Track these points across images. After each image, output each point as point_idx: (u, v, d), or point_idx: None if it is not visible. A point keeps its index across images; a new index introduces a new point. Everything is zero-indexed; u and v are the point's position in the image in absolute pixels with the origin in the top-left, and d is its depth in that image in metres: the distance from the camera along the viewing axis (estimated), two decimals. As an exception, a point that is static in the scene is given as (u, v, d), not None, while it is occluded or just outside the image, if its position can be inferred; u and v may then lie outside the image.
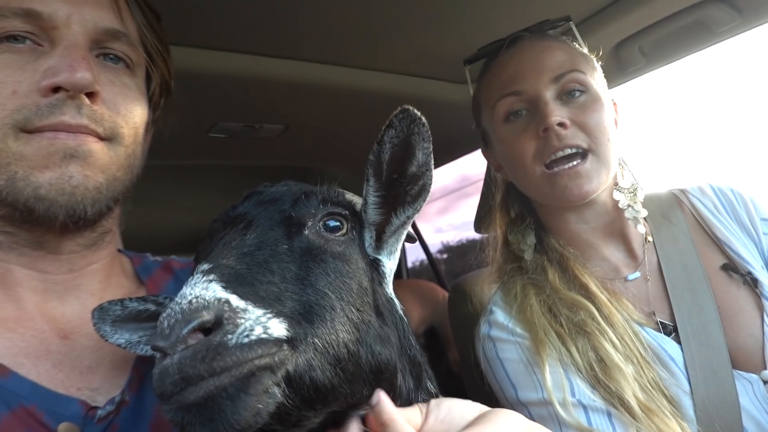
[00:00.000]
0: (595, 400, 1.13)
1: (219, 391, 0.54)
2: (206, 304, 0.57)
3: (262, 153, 2.53)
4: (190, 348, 0.54)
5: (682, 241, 1.33)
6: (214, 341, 0.55)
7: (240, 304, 0.59)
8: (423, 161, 0.81)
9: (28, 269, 0.91)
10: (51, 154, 0.83)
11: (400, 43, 1.78)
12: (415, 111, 0.78)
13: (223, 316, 0.56)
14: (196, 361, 0.54)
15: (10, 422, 0.79)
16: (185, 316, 0.55)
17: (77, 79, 0.83)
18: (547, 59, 1.30)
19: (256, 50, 1.74)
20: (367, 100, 2.03)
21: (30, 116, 0.83)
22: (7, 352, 0.85)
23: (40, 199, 0.83)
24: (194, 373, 0.53)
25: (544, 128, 1.24)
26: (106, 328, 0.87)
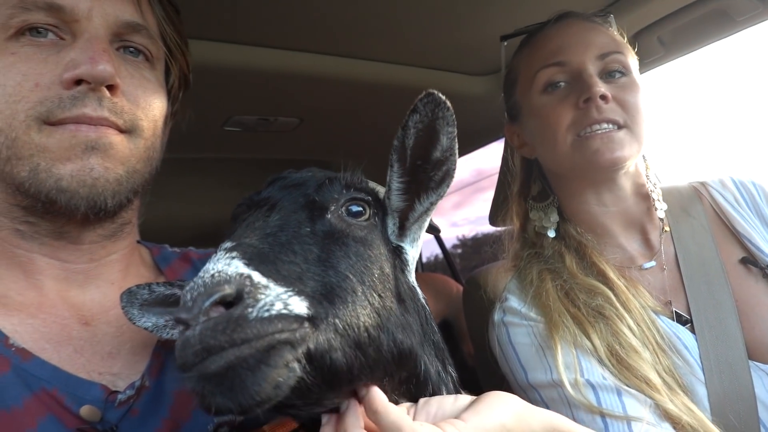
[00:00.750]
0: (605, 379, 1.12)
1: (239, 361, 0.54)
2: (228, 279, 0.57)
3: (276, 146, 2.54)
4: (211, 320, 0.55)
5: (700, 235, 1.32)
6: (235, 314, 0.56)
7: (261, 281, 0.59)
8: (447, 146, 0.81)
9: (49, 258, 0.93)
10: (73, 147, 0.85)
11: (415, 36, 1.78)
12: (440, 95, 0.77)
13: (244, 290, 0.57)
14: (217, 332, 0.54)
15: (33, 405, 0.80)
16: (207, 289, 0.56)
17: (98, 72, 0.85)
18: (593, 37, 1.31)
19: (270, 43, 1.74)
20: (382, 92, 2.03)
21: (52, 108, 0.84)
22: (30, 337, 0.87)
23: (62, 190, 0.84)
24: (215, 344, 0.54)
25: (587, 98, 1.24)
26: (134, 311, 0.89)
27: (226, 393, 0.54)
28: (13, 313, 0.89)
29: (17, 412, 0.79)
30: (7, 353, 0.83)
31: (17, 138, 0.84)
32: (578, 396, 1.10)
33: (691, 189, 1.43)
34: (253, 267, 0.60)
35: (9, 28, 0.86)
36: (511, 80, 1.46)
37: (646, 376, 1.11)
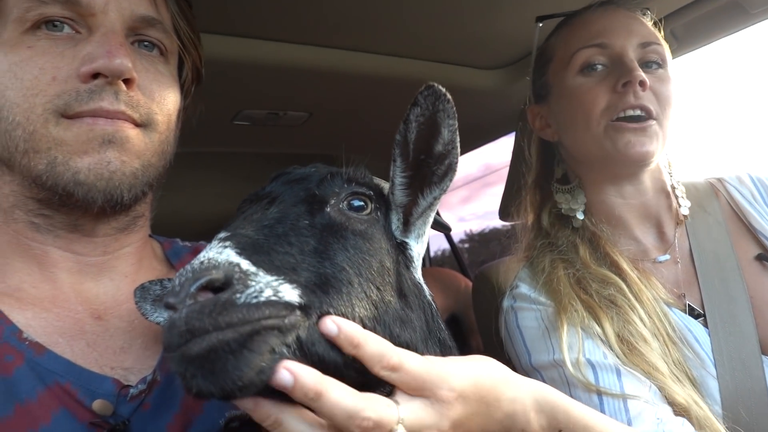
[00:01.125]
0: (606, 358, 1.13)
1: (222, 344, 0.54)
2: (217, 265, 0.58)
3: (286, 140, 2.54)
4: (198, 303, 0.56)
5: (716, 231, 1.32)
6: (222, 298, 0.56)
7: (251, 269, 0.59)
8: (449, 139, 0.80)
9: (63, 251, 0.93)
10: (90, 140, 0.85)
11: (425, 29, 1.77)
12: (440, 87, 0.77)
13: (234, 276, 0.57)
14: (202, 314, 0.55)
15: (47, 398, 0.81)
16: (195, 274, 0.57)
17: (116, 66, 0.85)
18: (637, 26, 1.31)
19: (280, 37, 1.74)
20: (392, 86, 2.02)
21: (70, 102, 0.85)
22: (43, 331, 0.88)
23: (79, 183, 0.85)
24: (200, 326, 0.54)
25: (626, 81, 1.22)
26: (146, 306, 0.90)
27: (207, 376, 0.54)
28: (27, 307, 0.89)
29: (31, 405, 0.80)
30: (21, 347, 0.84)
31: (35, 131, 0.84)
32: (577, 374, 1.11)
33: (708, 185, 1.42)
34: (244, 256, 0.60)
35: (25, 22, 0.86)
36: (544, 60, 1.44)
37: (655, 364, 1.11)
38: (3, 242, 0.93)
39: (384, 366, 0.63)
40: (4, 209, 0.93)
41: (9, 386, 0.80)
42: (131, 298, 0.98)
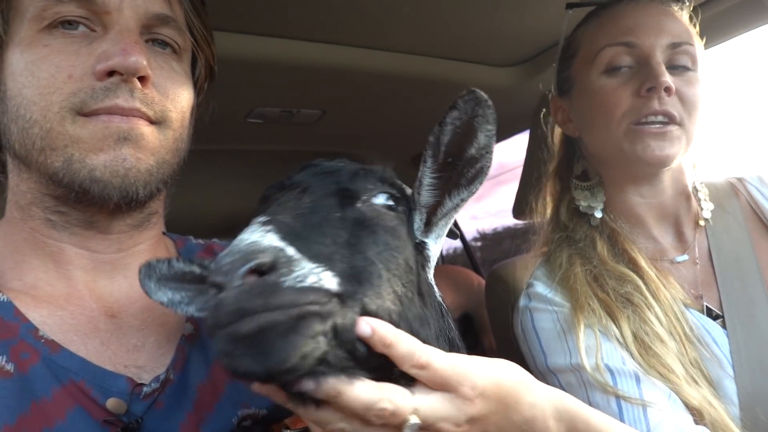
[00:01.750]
0: (624, 365, 1.11)
1: (272, 325, 0.55)
2: (264, 249, 0.58)
3: (299, 138, 2.54)
4: (247, 284, 0.57)
5: (735, 231, 1.29)
6: (269, 280, 0.57)
7: (295, 255, 0.60)
8: (484, 144, 0.81)
9: (79, 248, 0.94)
10: (106, 137, 0.86)
11: (439, 27, 1.75)
12: (481, 93, 0.78)
13: (279, 261, 0.58)
14: (252, 295, 0.56)
15: (62, 396, 0.81)
16: (244, 256, 0.57)
17: (131, 63, 0.85)
18: (669, 23, 1.25)
19: (293, 35, 1.74)
20: (406, 84, 2.02)
21: (86, 99, 0.85)
22: (59, 328, 0.88)
23: (96, 180, 0.85)
24: (250, 307, 0.55)
25: (651, 86, 1.19)
26: (150, 284, 0.88)
27: (255, 356, 0.55)
28: (42, 305, 0.90)
29: (47, 403, 0.80)
30: (37, 345, 0.84)
31: (51, 129, 0.85)
32: (596, 375, 1.09)
33: (728, 184, 1.39)
34: (287, 242, 0.61)
35: (42, 20, 0.87)
36: (570, 53, 1.40)
37: (670, 365, 1.09)
38: (20, 239, 0.94)
39: (413, 364, 0.65)
40: (21, 206, 0.94)
41: (25, 384, 0.81)
42: (144, 296, 0.98)
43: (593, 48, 1.30)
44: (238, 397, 0.92)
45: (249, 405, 0.92)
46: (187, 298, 0.89)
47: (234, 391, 0.93)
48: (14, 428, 0.77)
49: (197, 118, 1.12)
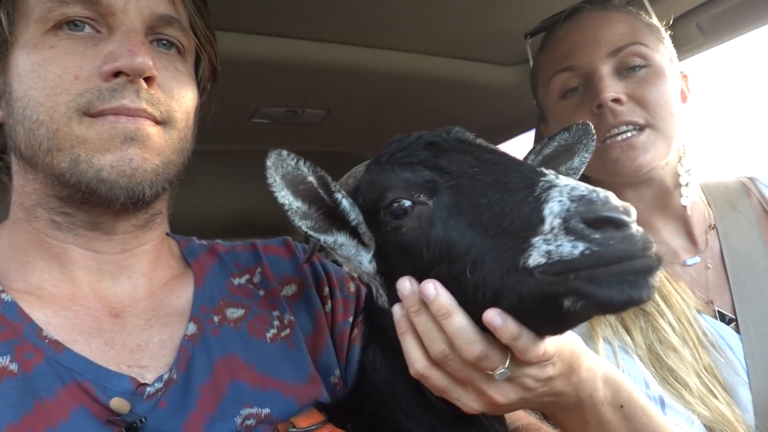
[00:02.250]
0: (648, 389, 1.09)
1: (658, 266, 0.63)
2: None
3: (304, 138, 2.54)
4: (636, 229, 0.64)
5: (747, 230, 1.28)
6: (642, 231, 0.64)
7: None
8: (576, 167, 0.93)
9: (83, 249, 0.94)
10: (112, 138, 0.87)
11: (444, 26, 1.75)
12: (591, 126, 0.91)
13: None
14: (647, 238, 0.63)
15: (65, 396, 0.82)
16: (626, 209, 0.64)
17: (137, 64, 0.86)
18: (605, 32, 1.24)
19: (298, 35, 1.73)
20: (411, 83, 2.01)
21: (92, 100, 0.86)
22: (63, 328, 0.88)
23: (102, 180, 0.86)
24: (649, 247, 0.63)
25: (598, 104, 1.20)
26: (277, 178, 0.81)
27: (645, 286, 0.62)
28: (46, 305, 0.90)
29: (50, 403, 0.80)
30: (41, 345, 0.84)
31: (58, 129, 0.86)
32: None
33: (739, 184, 1.38)
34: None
35: (48, 22, 0.88)
36: (534, 84, 1.44)
37: (684, 380, 1.08)
38: (24, 240, 0.94)
39: (509, 337, 0.70)
40: (26, 207, 0.94)
41: (29, 383, 0.81)
42: (148, 296, 0.99)
43: (546, 77, 1.33)
44: (240, 397, 0.92)
45: (251, 404, 0.92)
46: (302, 210, 0.83)
47: (236, 391, 0.93)
48: (18, 427, 0.77)
49: (202, 119, 1.13)
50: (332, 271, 1.20)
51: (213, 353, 0.95)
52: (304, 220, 0.82)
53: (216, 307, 1.02)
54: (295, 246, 1.23)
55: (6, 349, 0.83)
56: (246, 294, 1.08)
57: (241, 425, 0.90)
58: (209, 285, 1.05)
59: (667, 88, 1.22)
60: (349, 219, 0.84)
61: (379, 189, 0.81)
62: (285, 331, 1.06)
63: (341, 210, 0.83)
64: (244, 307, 1.05)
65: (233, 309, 1.04)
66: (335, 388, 1.07)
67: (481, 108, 2.14)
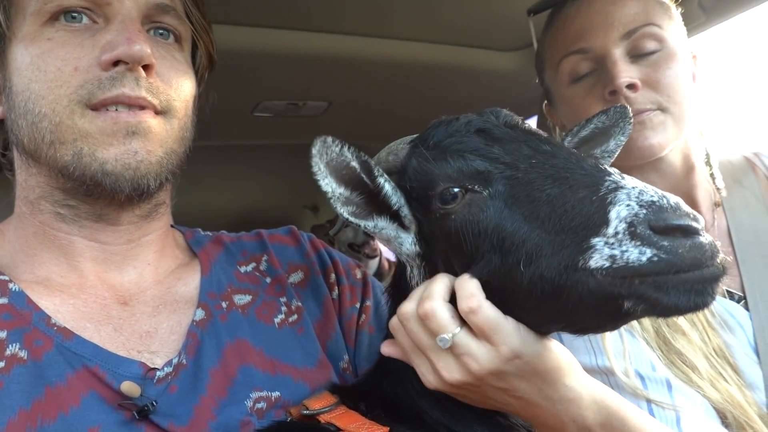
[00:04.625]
0: (655, 370, 1.08)
1: (723, 276, 0.64)
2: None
3: (306, 131, 2.53)
4: (706, 237, 0.64)
5: (754, 206, 1.26)
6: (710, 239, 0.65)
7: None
8: (612, 149, 0.94)
9: (88, 240, 0.95)
10: (115, 132, 0.87)
11: (444, 12, 1.74)
12: (629, 110, 0.93)
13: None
14: (715, 248, 0.64)
15: (76, 381, 0.82)
16: (695, 217, 0.64)
17: (135, 52, 0.86)
18: (617, 12, 1.20)
19: (297, 26, 1.73)
20: (412, 72, 2.00)
21: (93, 90, 0.86)
22: (71, 316, 0.89)
23: (107, 174, 0.87)
24: (717, 255, 0.64)
25: (611, 90, 1.16)
26: (321, 165, 0.80)
27: (712, 296, 0.64)
28: (55, 294, 0.91)
29: (61, 388, 0.81)
30: (50, 332, 0.85)
31: (61, 122, 0.86)
32: (627, 381, 1.06)
33: (744, 160, 1.36)
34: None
35: (44, 14, 0.88)
36: (539, 64, 1.39)
37: (693, 363, 1.06)
38: (30, 234, 0.95)
39: (466, 305, 0.73)
40: (30, 201, 0.94)
41: (39, 370, 0.81)
42: (155, 285, 1.00)
43: (554, 60, 1.29)
44: (250, 381, 0.92)
45: (261, 388, 0.93)
46: (344, 196, 0.83)
47: (246, 375, 0.93)
48: (29, 413, 0.77)
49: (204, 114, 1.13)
50: (338, 259, 1.20)
51: (222, 338, 0.95)
52: (345, 206, 0.82)
53: (224, 293, 1.02)
54: (301, 235, 1.23)
55: (16, 337, 0.83)
56: (253, 281, 1.08)
57: (252, 409, 0.90)
58: (216, 273, 1.05)
59: (679, 69, 1.20)
60: (390, 203, 0.83)
61: (429, 177, 0.79)
62: (293, 316, 1.06)
63: (384, 195, 0.83)
64: (251, 293, 1.05)
65: (241, 295, 1.04)
66: (345, 372, 1.07)
67: (484, 94, 2.13)
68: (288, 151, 2.82)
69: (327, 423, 0.84)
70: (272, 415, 0.92)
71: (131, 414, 0.82)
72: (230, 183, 3.13)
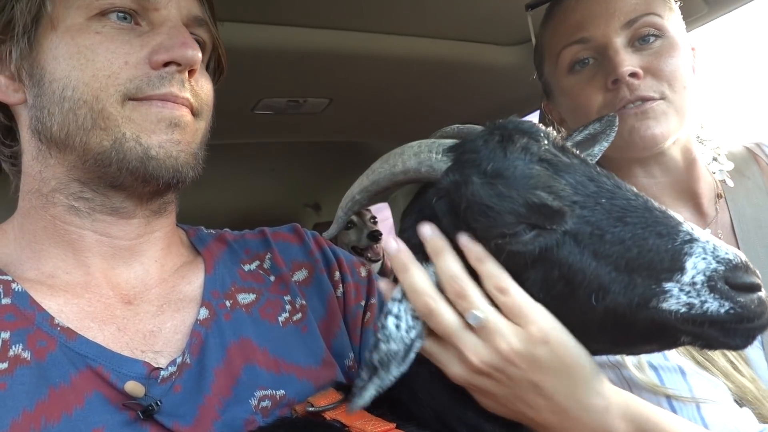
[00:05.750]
0: (666, 359, 1.08)
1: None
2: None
3: (306, 129, 2.54)
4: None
5: (756, 196, 1.26)
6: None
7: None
8: (595, 154, 0.99)
9: (99, 235, 0.95)
10: (159, 121, 0.90)
11: (444, 7, 1.73)
12: (617, 119, 1.00)
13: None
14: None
15: (79, 382, 0.82)
16: (754, 271, 0.71)
17: (191, 56, 0.91)
18: (618, 2, 1.20)
19: (296, 22, 1.72)
20: (413, 67, 1.99)
21: (142, 86, 0.90)
22: (75, 316, 0.89)
23: (151, 158, 0.89)
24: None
25: (614, 79, 1.16)
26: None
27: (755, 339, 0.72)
28: (59, 294, 0.91)
29: (65, 389, 0.80)
30: (54, 332, 0.84)
31: (104, 109, 0.88)
32: (642, 376, 1.04)
33: (745, 150, 1.36)
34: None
35: (93, 9, 0.90)
36: (538, 57, 1.39)
37: (711, 357, 1.06)
38: (39, 228, 0.95)
39: (495, 285, 0.73)
40: (43, 193, 0.94)
41: (43, 371, 0.81)
42: (160, 283, 1.00)
43: (554, 51, 1.28)
44: (254, 380, 0.92)
45: (266, 387, 0.92)
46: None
47: (250, 374, 0.93)
48: (33, 414, 0.77)
49: None
50: (342, 257, 1.20)
51: (226, 337, 0.95)
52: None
53: (228, 292, 1.02)
54: (305, 232, 1.22)
55: (19, 338, 0.83)
56: (257, 279, 1.08)
57: (256, 407, 0.90)
58: (220, 271, 1.05)
59: (680, 60, 1.19)
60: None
61: (497, 214, 0.75)
62: (297, 315, 1.05)
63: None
64: (255, 292, 1.05)
65: (245, 294, 1.04)
66: (350, 371, 1.07)
67: (485, 90, 2.12)
68: (289, 149, 2.81)
69: (332, 420, 0.84)
70: (277, 413, 0.91)
71: (135, 414, 0.81)
72: (231, 182, 3.12)
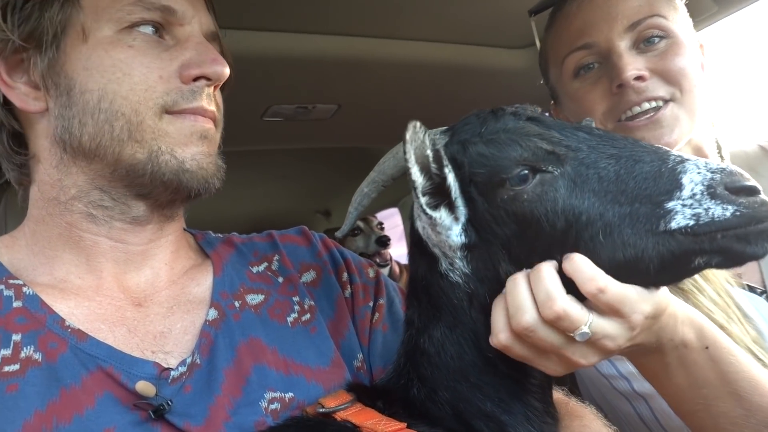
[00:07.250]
0: None
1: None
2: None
3: (315, 135, 2.55)
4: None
5: None
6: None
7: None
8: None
9: (114, 241, 0.97)
10: (192, 134, 0.94)
11: (452, 11, 1.73)
12: (593, 124, 0.94)
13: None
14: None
15: (90, 383, 0.82)
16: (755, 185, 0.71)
17: (221, 72, 0.95)
18: (620, 5, 1.19)
19: (304, 29, 1.73)
20: (421, 72, 2.00)
21: (177, 99, 0.93)
22: (86, 318, 0.89)
23: (185, 171, 0.93)
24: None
25: (619, 84, 1.15)
26: (411, 152, 0.78)
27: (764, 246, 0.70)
28: (70, 297, 0.91)
29: (76, 390, 0.81)
30: (64, 334, 0.85)
31: (142, 122, 0.91)
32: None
33: (759, 149, 1.34)
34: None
35: (124, 22, 0.92)
36: (543, 63, 1.39)
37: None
38: (53, 235, 0.96)
39: (595, 287, 0.72)
40: (61, 201, 0.95)
41: (54, 372, 0.82)
42: (170, 285, 1.01)
43: (558, 58, 1.28)
44: (264, 381, 0.92)
45: (275, 389, 0.92)
46: (423, 186, 0.81)
47: (260, 375, 0.93)
48: (44, 414, 0.77)
49: None
50: (350, 258, 1.20)
51: (235, 337, 0.95)
52: (424, 197, 0.82)
53: (236, 293, 1.03)
54: (312, 234, 1.23)
55: (30, 339, 0.83)
56: (265, 281, 1.08)
57: (266, 409, 0.90)
58: (228, 273, 1.06)
59: (688, 58, 1.18)
60: (451, 193, 0.82)
61: (498, 162, 0.79)
62: (306, 315, 1.06)
63: (447, 184, 0.82)
64: (263, 293, 1.05)
65: (253, 295, 1.04)
66: (358, 372, 1.06)
67: (493, 93, 2.12)
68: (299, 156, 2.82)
69: (343, 420, 0.84)
70: (287, 416, 0.91)
71: (146, 414, 0.81)
72: (242, 189, 3.14)
